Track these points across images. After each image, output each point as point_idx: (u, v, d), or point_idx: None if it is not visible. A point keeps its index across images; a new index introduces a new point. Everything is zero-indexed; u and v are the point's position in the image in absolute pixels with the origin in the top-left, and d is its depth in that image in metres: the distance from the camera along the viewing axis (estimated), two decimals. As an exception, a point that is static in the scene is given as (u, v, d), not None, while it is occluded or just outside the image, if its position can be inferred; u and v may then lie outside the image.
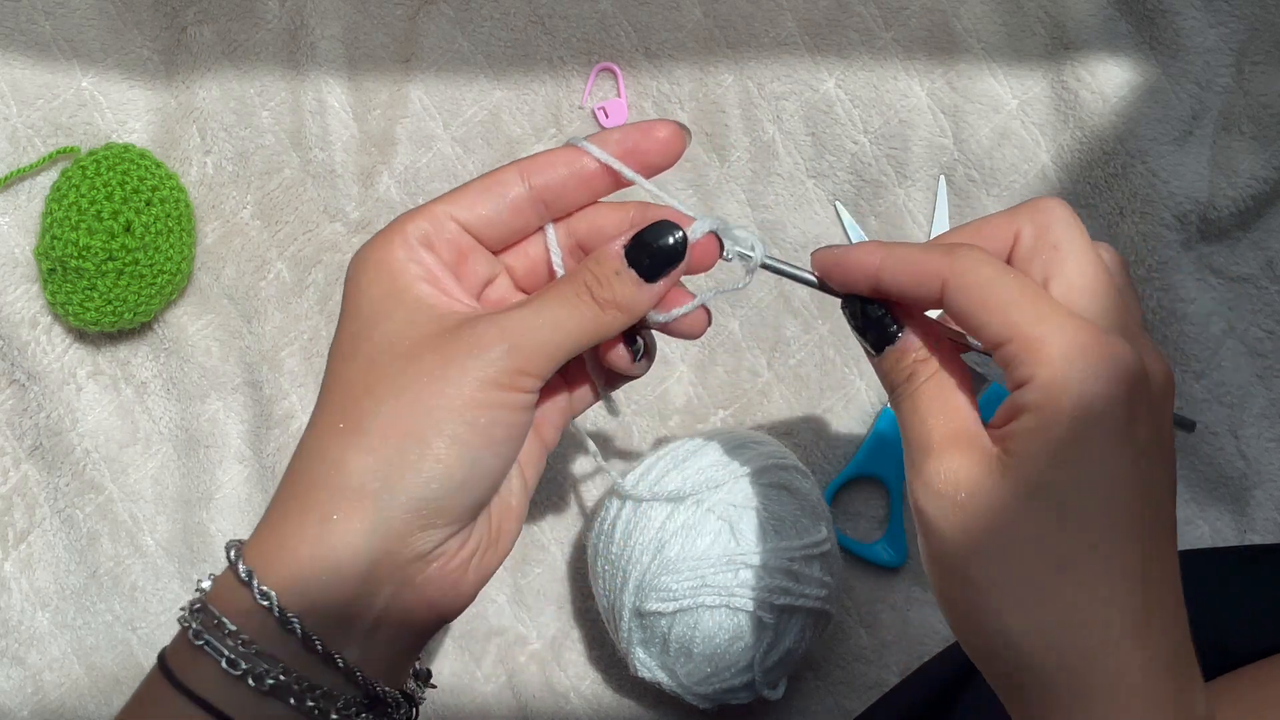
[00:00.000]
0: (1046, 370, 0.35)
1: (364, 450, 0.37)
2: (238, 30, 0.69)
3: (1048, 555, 0.35)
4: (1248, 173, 0.67)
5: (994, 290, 0.37)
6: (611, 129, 0.41)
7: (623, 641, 0.59)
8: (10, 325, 0.67)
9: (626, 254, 0.39)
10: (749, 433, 0.63)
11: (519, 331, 0.38)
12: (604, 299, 0.39)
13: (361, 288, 0.40)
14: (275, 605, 0.37)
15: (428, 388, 0.37)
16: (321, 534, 0.37)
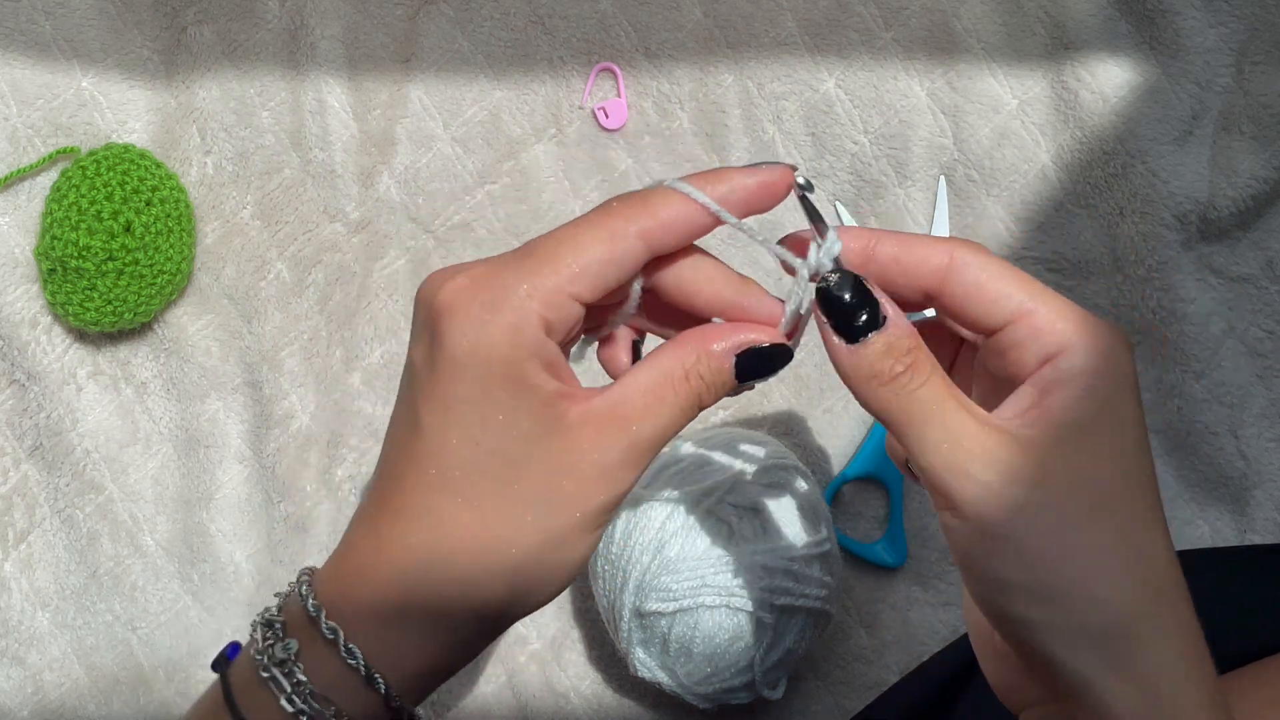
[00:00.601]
0: (1082, 338, 0.36)
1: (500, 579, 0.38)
2: (238, 30, 0.69)
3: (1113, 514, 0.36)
4: (1248, 173, 0.67)
5: (1004, 268, 0.37)
6: (724, 172, 0.39)
7: (623, 641, 0.59)
8: (10, 325, 0.67)
9: (738, 364, 0.39)
10: (749, 433, 0.63)
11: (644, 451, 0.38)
12: (706, 404, 0.40)
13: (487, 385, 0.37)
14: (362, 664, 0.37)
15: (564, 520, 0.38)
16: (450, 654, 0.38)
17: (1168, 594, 0.36)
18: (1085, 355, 0.36)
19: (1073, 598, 0.36)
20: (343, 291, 0.68)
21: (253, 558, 0.67)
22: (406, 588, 0.38)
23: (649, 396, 0.38)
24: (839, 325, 0.37)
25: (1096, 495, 0.36)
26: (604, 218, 0.38)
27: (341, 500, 0.67)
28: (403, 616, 0.38)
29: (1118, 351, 0.36)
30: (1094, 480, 0.36)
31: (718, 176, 0.38)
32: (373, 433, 0.68)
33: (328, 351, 0.68)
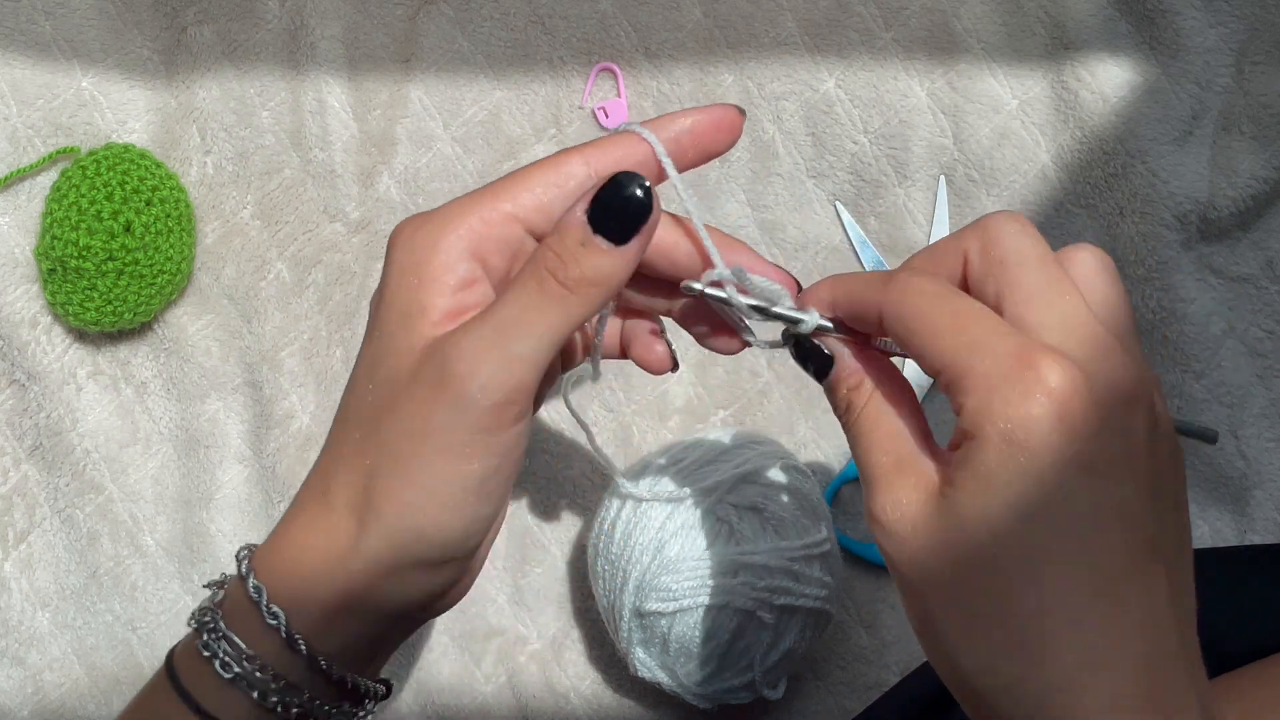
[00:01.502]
0: (972, 399, 0.33)
1: (374, 515, 0.37)
2: (238, 30, 0.69)
3: (985, 592, 0.33)
4: (1248, 173, 0.67)
5: (925, 319, 0.35)
6: (674, 115, 0.38)
7: (623, 641, 0.59)
8: (10, 325, 0.67)
9: (590, 220, 0.35)
10: (749, 433, 0.63)
11: (488, 360, 0.35)
12: (573, 279, 0.35)
13: (392, 301, 0.37)
14: (283, 625, 0.37)
15: (415, 449, 0.36)
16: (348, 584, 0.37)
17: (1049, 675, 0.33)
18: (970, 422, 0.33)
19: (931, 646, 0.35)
20: (343, 291, 0.68)
21: (253, 558, 0.67)
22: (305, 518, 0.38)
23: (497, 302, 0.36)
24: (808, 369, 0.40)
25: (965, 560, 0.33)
26: (554, 153, 0.38)
27: (341, 500, 0.67)
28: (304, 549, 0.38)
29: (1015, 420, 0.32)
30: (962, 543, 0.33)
31: (671, 117, 0.39)
32: (373, 433, 0.68)
33: (328, 351, 0.68)
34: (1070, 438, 0.32)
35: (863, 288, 0.37)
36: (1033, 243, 0.35)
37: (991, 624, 0.33)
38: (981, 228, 0.36)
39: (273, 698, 0.37)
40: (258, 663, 0.37)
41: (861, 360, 0.39)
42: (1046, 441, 0.32)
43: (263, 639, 0.38)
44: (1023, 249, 0.35)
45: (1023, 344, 0.33)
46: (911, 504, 0.35)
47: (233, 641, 0.38)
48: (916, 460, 0.36)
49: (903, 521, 0.35)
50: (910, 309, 0.35)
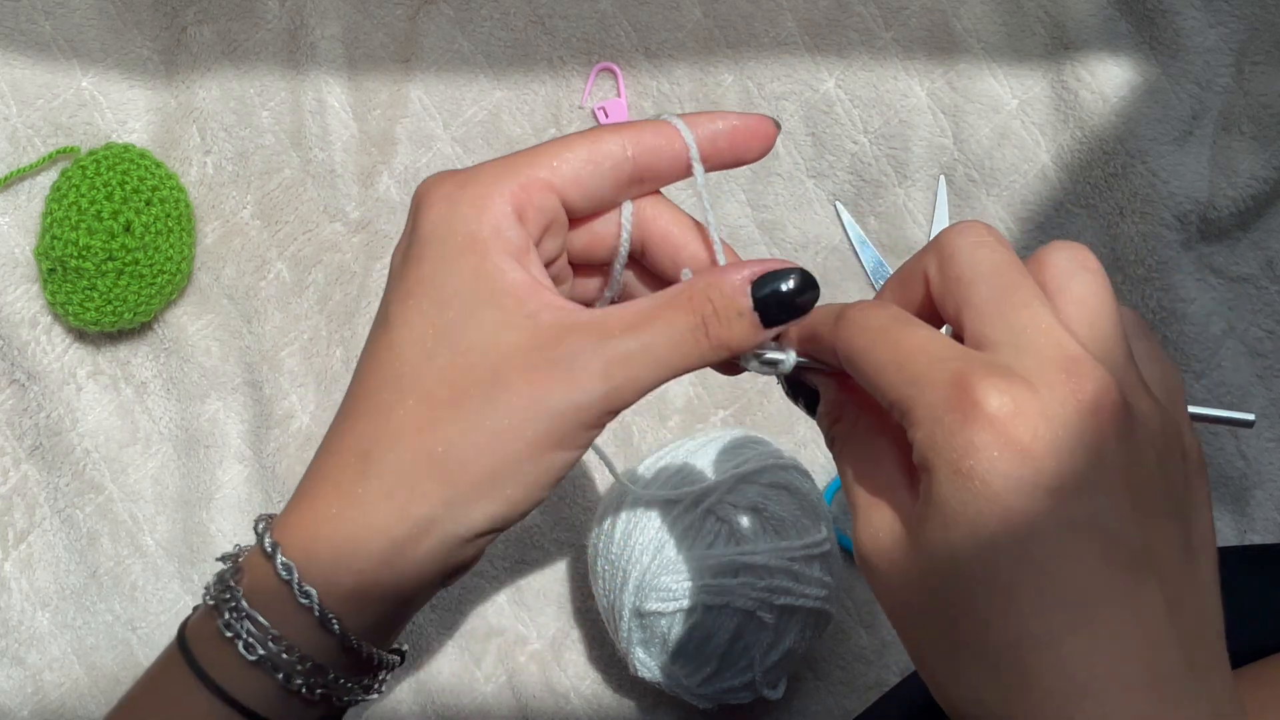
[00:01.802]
0: (919, 433, 0.32)
1: (441, 481, 0.36)
2: (238, 30, 0.69)
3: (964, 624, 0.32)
4: (1248, 173, 0.67)
5: (871, 355, 0.34)
6: (714, 115, 0.38)
7: (623, 641, 0.59)
8: (10, 325, 0.67)
9: (755, 294, 0.36)
10: (749, 433, 0.63)
11: (621, 369, 0.35)
12: (718, 338, 0.36)
13: (446, 264, 0.36)
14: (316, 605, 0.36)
15: (514, 425, 0.35)
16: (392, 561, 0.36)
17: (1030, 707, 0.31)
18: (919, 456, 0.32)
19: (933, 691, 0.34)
20: (343, 291, 0.68)
21: (253, 558, 0.67)
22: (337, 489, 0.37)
23: (642, 313, 0.36)
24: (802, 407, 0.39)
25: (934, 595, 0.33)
26: (592, 129, 0.38)
27: (341, 500, 0.67)
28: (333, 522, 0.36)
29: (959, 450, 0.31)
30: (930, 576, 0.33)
31: (711, 116, 0.38)
32: (373, 433, 0.68)
33: (328, 351, 0.68)
34: (1021, 460, 0.31)
35: (819, 326, 0.36)
36: (989, 253, 0.34)
37: (972, 656, 0.32)
38: (938, 245, 0.35)
39: (298, 680, 0.36)
40: (284, 644, 0.36)
41: (845, 392, 0.38)
42: (995, 468, 0.31)
43: (292, 619, 0.36)
44: (977, 262, 0.34)
45: (960, 371, 0.32)
46: (887, 536, 0.34)
47: (257, 622, 0.36)
48: (894, 492, 0.35)
49: (879, 554, 0.34)
50: (857, 346, 0.34)
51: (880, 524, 0.34)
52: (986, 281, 0.33)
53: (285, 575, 0.36)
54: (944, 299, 0.35)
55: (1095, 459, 0.31)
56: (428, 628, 0.66)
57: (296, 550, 0.37)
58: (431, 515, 0.36)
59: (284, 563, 0.36)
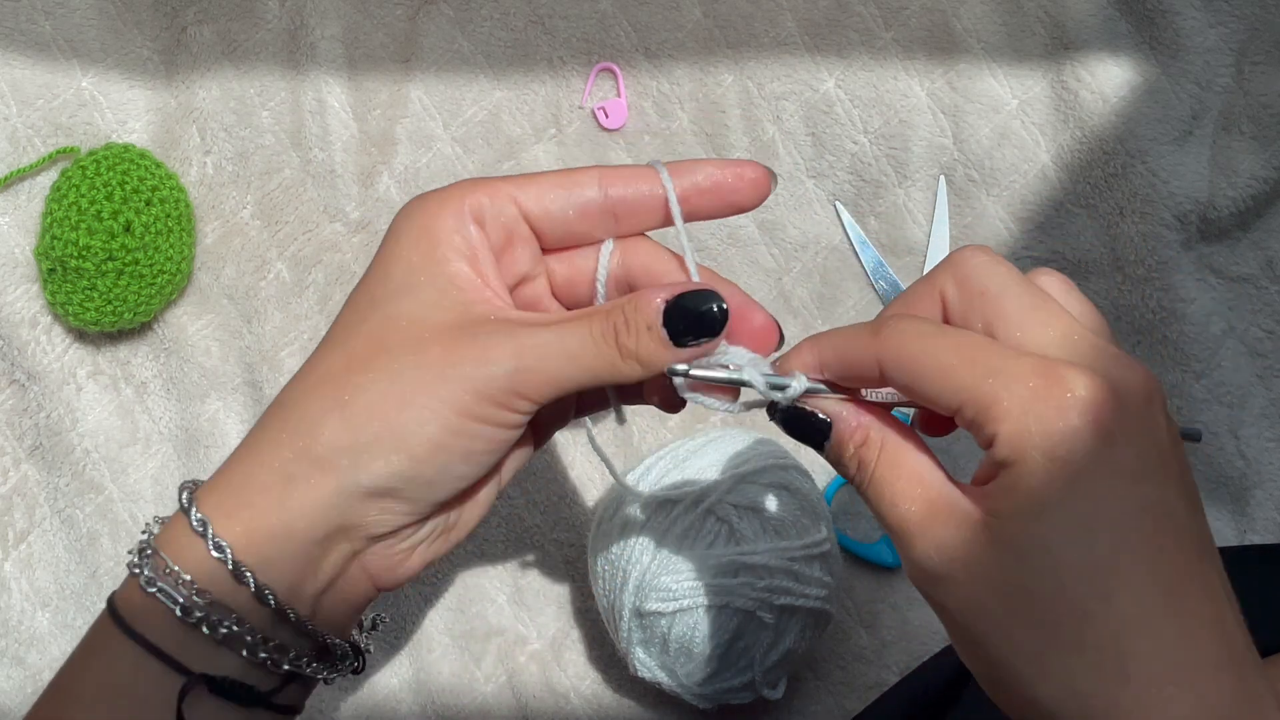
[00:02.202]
0: (1006, 425, 0.33)
1: (342, 424, 0.37)
2: (238, 30, 0.69)
3: (1056, 616, 0.33)
4: (1248, 173, 0.67)
5: (930, 358, 0.34)
6: (701, 161, 0.40)
7: (623, 641, 0.59)
8: (10, 325, 0.67)
9: (665, 312, 0.38)
10: (749, 433, 0.63)
11: (531, 353, 0.37)
12: (626, 348, 0.38)
13: (400, 248, 0.39)
14: (230, 558, 0.37)
15: (423, 381, 0.37)
16: (282, 496, 0.37)
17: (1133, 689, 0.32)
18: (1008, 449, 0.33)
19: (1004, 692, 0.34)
20: (343, 291, 0.68)
21: (253, 558, 0.67)
22: (258, 433, 0.38)
23: (563, 316, 0.39)
24: (802, 440, 0.39)
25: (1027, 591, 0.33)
26: (576, 168, 0.40)
27: (341, 500, 0.67)
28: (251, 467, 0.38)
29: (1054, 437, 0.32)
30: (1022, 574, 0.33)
31: (695, 163, 0.40)
32: (373, 433, 0.68)
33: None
34: (1109, 445, 0.32)
35: (852, 341, 0.37)
36: (1008, 270, 0.36)
37: (1068, 649, 0.33)
38: (953, 265, 0.36)
39: (197, 614, 0.37)
40: (194, 586, 0.37)
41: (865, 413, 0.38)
42: (1089, 453, 0.32)
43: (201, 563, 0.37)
44: (1000, 276, 0.36)
45: (1041, 362, 0.33)
46: (957, 545, 0.34)
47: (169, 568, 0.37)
48: (951, 501, 0.35)
49: (953, 564, 0.34)
50: (912, 351, 0.35)
51: (945, 534, 0.34)
52: (1015, 294, 0.35)
53: (199, 529, 0.37)
54: (968, 314, 0.36)
55: (1159, 450, 0.34)
56: (428, 628, 0.66)
57: (208, 500, 0.38)
58: (329, 457, 0.37)
59: (198, 518, 0.38)
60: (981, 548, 0.33)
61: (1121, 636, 0.32)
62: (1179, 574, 0.33)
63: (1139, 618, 0.32)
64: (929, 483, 0.36)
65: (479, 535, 0.67)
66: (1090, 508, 0.32)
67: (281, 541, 0.38)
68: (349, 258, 0.69)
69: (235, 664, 0.38)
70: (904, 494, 0.36)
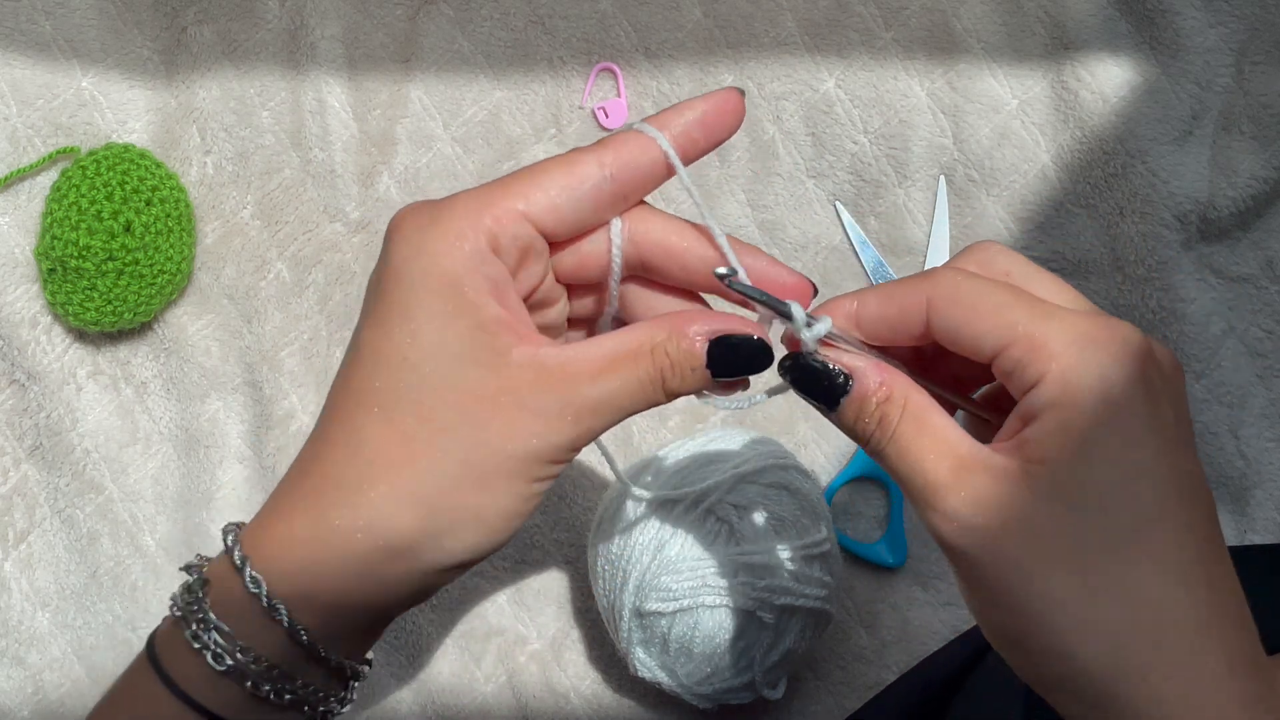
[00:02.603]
0: (1058, 363, 0.33)
1: (417, 514, 0.36)
2: (238, 30, 0.69)
3: (1096, 560, 0.33)
4: (1248, 173, 0.67)
5: (984, 297, 0.35)
6: (680, 107, 0.38)
7: (623, 641, 0.59)
8: (10, 325, 0.67)
9: (710, 352, 0.37)
10: (749, 433, 0.63)
11: (588, 417, 0.37)
12: (672, 389, 0.37)
13: (423, 298, 0.36)
14: (285, 618, 0.36)
15: (492, 463, 0.36)
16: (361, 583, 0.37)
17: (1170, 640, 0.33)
18: (1058, 388, 0.33)
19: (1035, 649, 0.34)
20: (343, 291, 0.68)
21: (253, 558, 0.67)
22: (315, 512, 0.37)
23: (605, 361, 0.37)
24: (816, 397, 0.37)
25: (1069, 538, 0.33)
26: (567, 152, 0.38)
27: (341, 500, 0.67)
28: (312, 544, 0.36)
29: (1108, 380, 0.32)
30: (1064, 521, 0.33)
31: (677, 110, 0.38)
32: (373, 433, 0.68)
33: (328, 351, 0.68)
34: (1156, 403, 0.33)
35: (900, 287, 0.37)
36: (1027, 260, 0.37)
37: (1108, 597, 0.33)
38: (973, 253, 0.37)
39: (265, 686, 0.37)
40: (252, 654, 0.36)
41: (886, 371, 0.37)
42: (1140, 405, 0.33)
43: (260, 630, 0.36)
44: (1021, 263, 0.37)
45: (1094, 312, 0.34)
46: (993, 496, 0.34)
47: (224, 633, 0.36)
48: (981, 455, 0.35)
49: (988, 514, 0.34)
50: (966, 290, 0.35)
51: (978, 485, 0.34)
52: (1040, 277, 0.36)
53: (254, 589, 0.36)
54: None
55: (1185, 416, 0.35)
56: (428, 628, 0.66)
57: (267, 564, 0.37)
58: (409, 547, 0.36)
59: (253, 576, 0.36)
60: (1020, 496, 0.33)
61: (1160, 582, 0.32)
62: (1205, 536, 0.33)
63: (1177, 567, 0.33)
64: (954, 440, 0.35)
65: (479, 535, 0.67)
66: (1136, 453, 0.32)
67: (362, 620, 0.38)
68: (349, 258, 0.69)
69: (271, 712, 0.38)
70: (931, 449, 0.35)
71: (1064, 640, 0.33)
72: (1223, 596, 0.33)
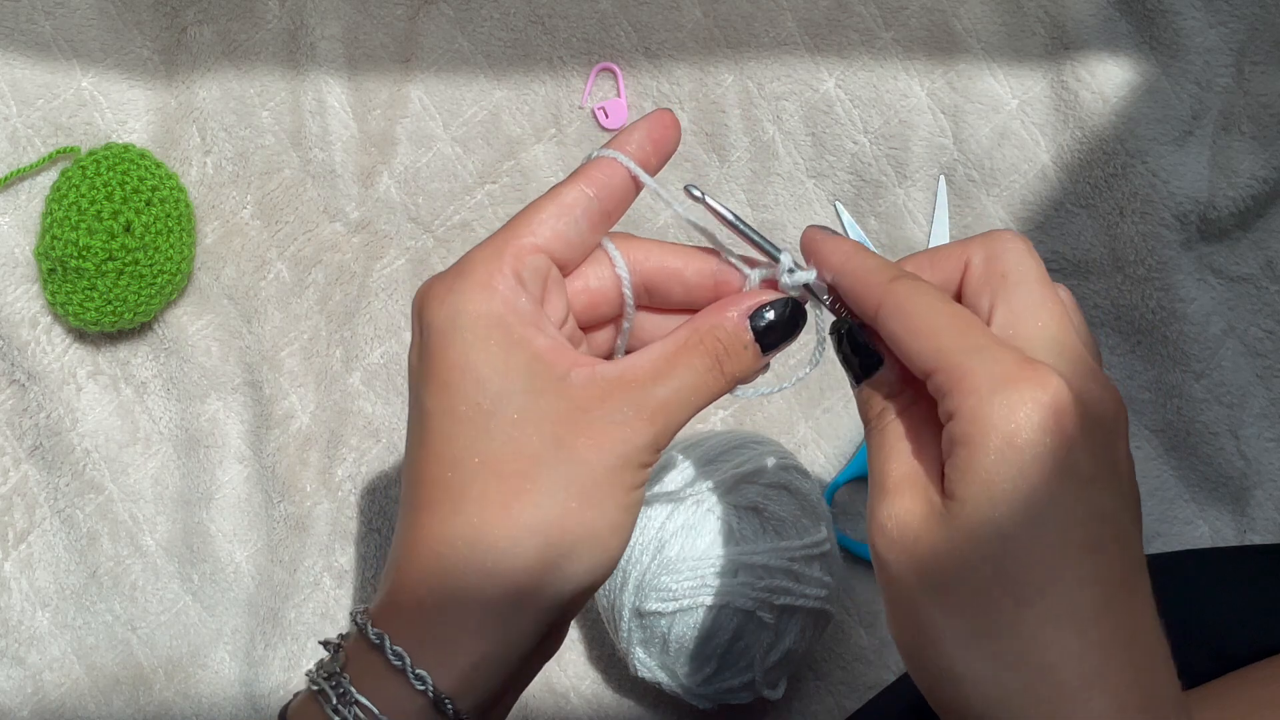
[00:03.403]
0: (971, 401, 0.34)
1: (539, 549, 0.37)
2: (238, 30, 0.69)
3: (992, 601, 0.34)
4: (1248, 173, 0.67)
5: (925, 318, 0.36)
6: (626, 130, 0.41)
7: (623, 641, 0.59)
8: (10, 325, 0.67)
9: (753, 325, 0.39)
10: (749, 433, 0.63)
11: (661, 414, 0.38)
12: (730, 372, 0.39)
13: (476, 348, 0.37)
14: (431, 689, 0.36)
15: (589, 481, 0.37)
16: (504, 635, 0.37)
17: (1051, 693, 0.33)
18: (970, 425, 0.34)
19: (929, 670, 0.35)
20: (343, 291, 0.68)
21: (253, 558, 0.67)
22: (438, 575, 0.37)
23: (662, 361, 0.39)
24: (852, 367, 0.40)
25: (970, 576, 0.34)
26: (551, 189, 0.41)
27: (341, 500, 0.67)
28: (440, 608, 0.37)
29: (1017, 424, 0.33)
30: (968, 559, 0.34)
31: (625, 133, 0.41)
32: (372, 433, 0.68)
33: (328, 351, 0.68)
34: (1069, 450, 0.33)
35: (868, 276, 0.38)
36: (1035, 264, 0.37)
37: (997, 634, 0.34)
38: (988, 240, 0.38)
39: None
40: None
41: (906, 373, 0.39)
42: (1048, 450, 0.33)
43: (403, 704, 0.36)
44: (1025, 267, 0.37)
45: (1026, 357, 0.34)
46: (915, 515, 0.35)
47: (367, 709, 0.36)
48: (924, 480, 0.36)
49: (906, 529, 0.35)
50: (913, 306, 0.36)
51: (910, 501, 0.36)
52: (1032, 287, 0.37)
53: (397, 663, 0.36)
54: (981, 289, 0.37)
55: (1114, 468, 0.35)
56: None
57: (405, 638, 0.37)
58: (535, 581, 0.37)
59: (394, 650, 0.36)
60: (938, 523, 0.35)
61: (1051, 631, 0.33)
62: (1116, 583, 0.34)
63: (1071, 616, 0.33)
64: (922, 456, 0.37)
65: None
66: (1041, 499, 0.33)
67: (501, 678, 0.38)
68: (349, 258, 0.69)
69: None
70: (900, 454, 0.37)
71: (956, 668, 0.34)
72: (1122, 643, 0.34)
